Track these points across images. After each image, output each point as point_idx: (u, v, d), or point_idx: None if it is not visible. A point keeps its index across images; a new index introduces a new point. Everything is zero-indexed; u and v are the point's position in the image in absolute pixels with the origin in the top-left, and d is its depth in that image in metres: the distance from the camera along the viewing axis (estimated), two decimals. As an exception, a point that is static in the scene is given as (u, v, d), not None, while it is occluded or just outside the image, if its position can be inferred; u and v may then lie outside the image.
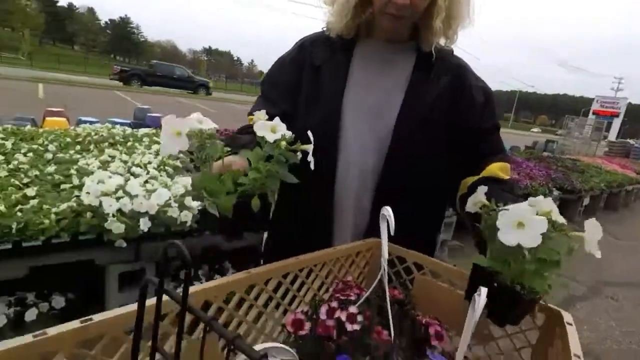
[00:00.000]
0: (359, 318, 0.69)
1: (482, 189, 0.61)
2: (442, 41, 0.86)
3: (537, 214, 0.47)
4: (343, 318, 0.68)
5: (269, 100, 0.90)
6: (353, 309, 0.70)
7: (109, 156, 1.91)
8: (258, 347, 0.39)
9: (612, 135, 25.39)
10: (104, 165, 1.78)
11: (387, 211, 0.68)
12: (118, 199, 1.44)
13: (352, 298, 0.74)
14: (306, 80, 0.88)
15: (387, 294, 0.68)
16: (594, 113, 27.42)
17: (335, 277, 0.81)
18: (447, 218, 3.31)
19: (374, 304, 0.77)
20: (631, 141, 21.80)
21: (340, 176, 0.86)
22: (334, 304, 0.71)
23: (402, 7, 0.75)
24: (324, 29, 0.91)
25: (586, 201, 5.62)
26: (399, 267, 0.87)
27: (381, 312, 0.76)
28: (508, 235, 0.48)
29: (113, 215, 1.40)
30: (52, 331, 0.35)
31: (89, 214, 1.39)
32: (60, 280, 1.59)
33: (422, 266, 0.84)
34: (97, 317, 0.38)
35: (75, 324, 0.37)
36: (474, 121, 0.86)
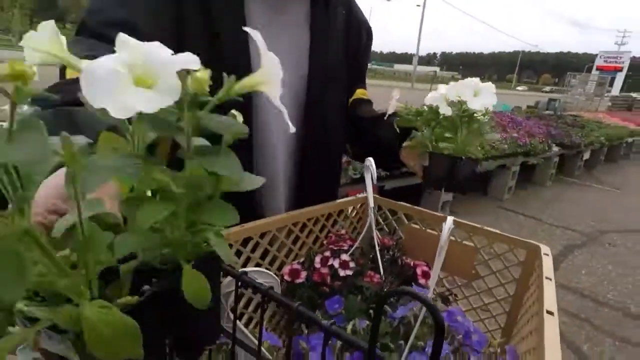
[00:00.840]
0: (352, 264, 0.74)
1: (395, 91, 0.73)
2: None
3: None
4: (336, 265, 0.73)
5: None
6: (345, 257, 0.74)
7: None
8: (247, 269, 0.44)
9: (616, 90, 24.93)
10: None
11: (370, 161, 0.71)
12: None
13: (345, 248, 0.79)
14: (193, 22, 0.61)
15: (375, 238, 0.72)
16: (597, 69, 26.84)
17: (329, 232, 0.86)
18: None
19: (366, 252, 0.82)
20: (634, 94, 21.52)
21: (258, 141, 0.72)
22: (328, 254, 0.76)
23: None
24: None
25: (586, 155, 5.62)
26: (390, 218, 0.91)
27: (373, 260, 0.81)
28: (473, 104, 0.61)
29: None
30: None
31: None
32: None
33: (411, 217, 0.89)
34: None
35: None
36: (361, 61, 0.85)
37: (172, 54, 0.21)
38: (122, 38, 0.21)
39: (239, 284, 0.32)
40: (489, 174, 4.14)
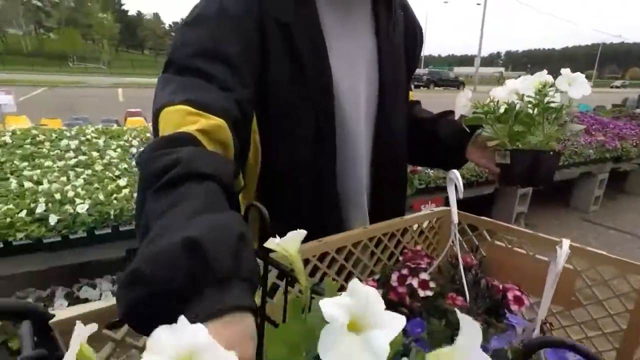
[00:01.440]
0: (432, 284, 0.69)
1: (464, 96, 0.69)
2: None
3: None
4: (415, 284, 0.69)
5: (214, 78, 0.53)
6: (425, 276, 0.70)
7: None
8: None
9: None
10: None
11: (454, 174, 0.66)
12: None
13: (423, 266, 0.74)
14: (275, 45, 0.61)
15: (459, 256, 0.67)
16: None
17: (404, 248, 0.81)
18: (522, 189, 3.08)
19: (446, 271, 0.76)
20: None
21: (346, 152, 0.71)
22: (405, 271, 0.72)
23: None
24: None
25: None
26: (471, 234, 0.84)
27: (453, 280, 0.75)
28: (572, 93, 0.59)
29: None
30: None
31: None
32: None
33: (494, 233, 0.81)
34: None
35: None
36: (414, 61, 0.83)
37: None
38: (353, 285, 0.22)
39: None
40: (570, 183, 3.74)
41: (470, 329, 0.21)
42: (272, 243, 0.28)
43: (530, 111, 0.61)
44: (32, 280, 1.71)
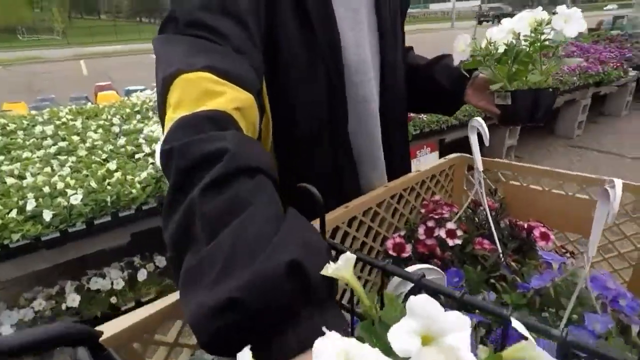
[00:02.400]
0: (459, 232, 0.69)
1: (462, 40, 0.68)
2: None
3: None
4: (443, 235, 0.69)
5: (227, 38, 0.47)
6: (451, 225, 0.70)
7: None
8: (409, 269, 0.41)
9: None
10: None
11: (477, 122, 0.64)
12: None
13: (446, 215, 0.74)
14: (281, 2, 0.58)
15: (485, 202, 0.67)
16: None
17: (423, 199, 0.81)
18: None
19: (469, 218, 0.77)
20: None
21: (353, 112, 0.69)
22: (431, 223, 0.72)
23: None
24: None
25: None
26: (484, 176, 0.85)
27: (476, 225, 0.76)
28: (567, 31, 0.59)
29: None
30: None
31: (168, 177, 1.48)
32: (158, 242, 1.77)
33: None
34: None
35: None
36: (406, 3, 0.82)
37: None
38: (410, 305, 0.21)
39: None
40: (555, 111, 3.79)
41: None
42: (326, 270, 0.26)
43: (528, 50, 0.61)
44: (38, 279, 1.68)
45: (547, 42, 0.60)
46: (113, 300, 1.68)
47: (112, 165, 1.64)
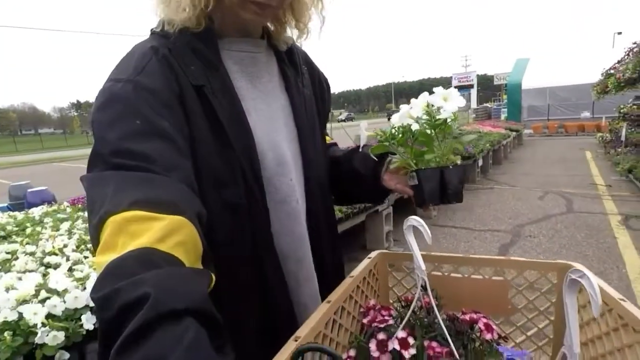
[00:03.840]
0: (410, 340, 0.64)
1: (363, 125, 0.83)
2: (294, 35, 0.77)
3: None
4: (397, 346, 0.63)
5: (154, 159, 0.48)
6: (401, 333, 0.64)
7: (7, 252, 1.53)
8: None
9: (474, 104, 29.65)
10: (5, 266, 1.42)
11: (414, 220, 0.64)
12: (43, 301, 1.16)
13: (391, 322, 0.69)
14: (196, 110, 0.59)
15: (435, 307, 0.64)
16: (455, 87, 32.00)
17: (361, 307, 0.75)
18: (385, 210, 3.44)
19: (398, 315, 0.73)
20: (488, 104, 26.25)
21: (276, 213, 0.69)
22: (381, 335, 0.65)
23: None
24: (155, 30, 0.65)
25: (480, 162, 6.41)
26: (406, 272, 0.85)
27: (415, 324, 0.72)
28: (447, 107, 0.65)
29: (43, 324, 1.11)
30: None
31: (7, 335, 1.08)
32: None
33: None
34: None
35: None
36: (325, 106, 0.88)
37: None
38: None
39: None
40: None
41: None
42: None
43: (428, 131, 0.66)
44: None
45: (440, 121, 0.65)
46: None
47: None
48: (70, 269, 1.35)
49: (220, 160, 0.60)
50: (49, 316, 1.15)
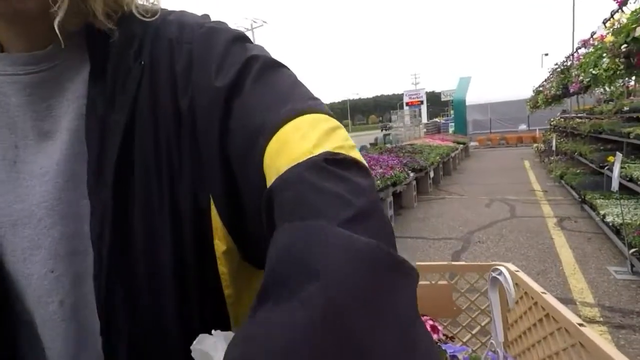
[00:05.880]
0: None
1: None
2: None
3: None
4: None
5: None
6: None
7: None
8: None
9: (424, 119, 31.25)
10: None
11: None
12: None
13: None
14: None
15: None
16: (407, 104, 33.61)
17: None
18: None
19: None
20: (437, 119, 28.01)
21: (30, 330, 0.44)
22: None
23: None
24: None
25: (432, 174, 6.74)
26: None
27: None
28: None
29: None
30: None
31: None
32: None
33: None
34: None
35: None
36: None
37: None
38: None
39: None
40: (371, 210, 4.51)
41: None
42: None
43: None
44: None
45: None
46: None
47: None
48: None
49: None
50: None
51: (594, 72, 4.43)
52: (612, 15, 3.82)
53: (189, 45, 0.44)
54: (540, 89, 9.59)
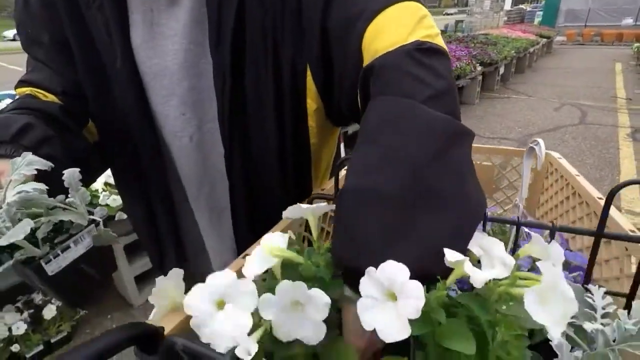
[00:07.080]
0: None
1: None
2: None
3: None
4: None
5: (43, 64, 0.59)
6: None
7: None
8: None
9: (508, 5, 26.78)
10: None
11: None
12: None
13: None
14: (73, 30, 0.56)
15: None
16: (490, -16, 28.62)
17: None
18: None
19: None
20: (523, 6, 23.84)
21: (167, 155, 0.64)
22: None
23: None
24: None
25: (502, 70, 6.18)
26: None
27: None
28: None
29: (103, 190, 1.35)
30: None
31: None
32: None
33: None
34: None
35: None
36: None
37: None
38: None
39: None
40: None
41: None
42: None
43: None
44: None
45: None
46: (14, 348, 1.42)
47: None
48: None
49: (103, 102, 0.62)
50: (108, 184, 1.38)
51: None
52: None
53: None
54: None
